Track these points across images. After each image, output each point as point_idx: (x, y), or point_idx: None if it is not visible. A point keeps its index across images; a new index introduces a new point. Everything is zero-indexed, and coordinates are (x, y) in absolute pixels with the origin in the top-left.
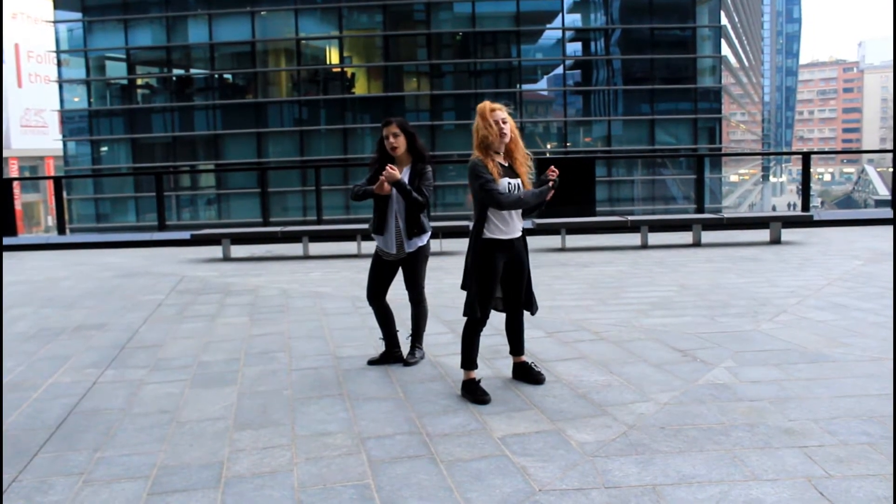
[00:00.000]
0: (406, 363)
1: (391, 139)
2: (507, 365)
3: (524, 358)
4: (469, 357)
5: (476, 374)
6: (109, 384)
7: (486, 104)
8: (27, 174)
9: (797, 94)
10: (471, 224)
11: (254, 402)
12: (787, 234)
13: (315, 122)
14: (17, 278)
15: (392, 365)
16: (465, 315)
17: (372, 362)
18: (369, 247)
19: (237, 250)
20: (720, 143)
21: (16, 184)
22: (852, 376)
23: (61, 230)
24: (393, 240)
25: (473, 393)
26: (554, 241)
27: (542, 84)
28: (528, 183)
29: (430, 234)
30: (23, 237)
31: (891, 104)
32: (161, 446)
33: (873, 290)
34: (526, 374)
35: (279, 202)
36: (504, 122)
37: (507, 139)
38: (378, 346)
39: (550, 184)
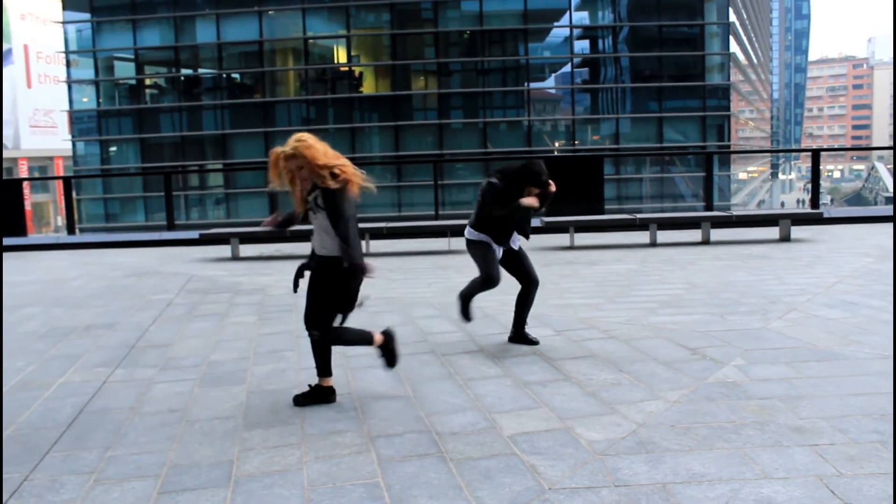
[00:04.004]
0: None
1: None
2: (515, 363)
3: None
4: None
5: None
6: (119, 383)
7: (276, 152)
8: (37, 174)
9: (806, 90)
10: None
11: (263, 400)
12: (796, 231)
13: (323, 122)
14: (27, 278)
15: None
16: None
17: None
18: (377, 246)
19: (246, 249)
20: (729, 140)
21: (25, 184)
22: (863, 374)
23: (71, 230)
24: None
25: (320, 397)
26: (562, 239)
27: (550, 82)
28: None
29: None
30: (32, 237)
31: None
32: (171, 445)
33: (883, 288)
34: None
35: (287, 201)
36: (299, 169)
37: (297, 187)
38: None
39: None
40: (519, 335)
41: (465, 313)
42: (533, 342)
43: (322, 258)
